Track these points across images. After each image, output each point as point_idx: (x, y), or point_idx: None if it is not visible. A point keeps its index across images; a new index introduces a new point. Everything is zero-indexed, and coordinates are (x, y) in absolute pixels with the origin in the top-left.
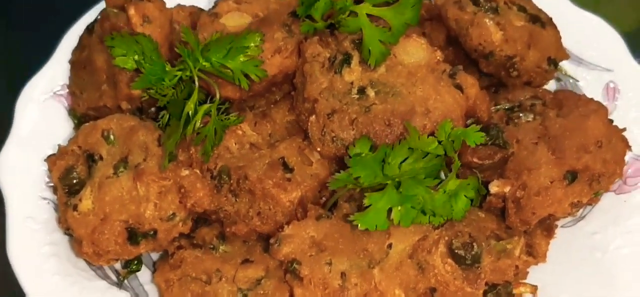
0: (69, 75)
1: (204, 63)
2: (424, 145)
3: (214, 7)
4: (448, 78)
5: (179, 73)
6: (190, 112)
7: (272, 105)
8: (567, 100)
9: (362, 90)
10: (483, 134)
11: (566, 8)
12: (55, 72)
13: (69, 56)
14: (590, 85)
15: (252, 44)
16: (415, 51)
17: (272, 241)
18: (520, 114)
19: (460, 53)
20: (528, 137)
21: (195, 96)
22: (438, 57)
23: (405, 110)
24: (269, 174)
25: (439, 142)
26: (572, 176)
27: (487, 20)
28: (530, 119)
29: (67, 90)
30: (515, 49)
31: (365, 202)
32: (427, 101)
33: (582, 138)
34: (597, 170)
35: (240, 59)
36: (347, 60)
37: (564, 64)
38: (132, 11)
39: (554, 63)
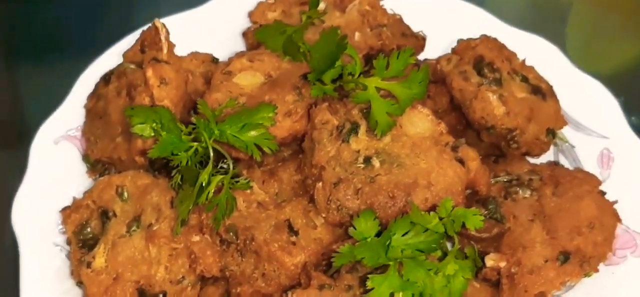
0: (84, 120)
1: (217, 135)
2: (425, 221)
3: (227, 63)
4: (450, 151)
5: (195, 144)
6: (203, 182)
7: (279, 164)
8: (563, 178)
9: (368, 160)
10: (483, 218)
11: (567, 69)
12: (69, 114)
13: (83, 99)
14: (586, 152)
15: (266, 115)
16: (420, 122)
17: None
18: (518, 189)
19: (463, 117)
20: (524, 214)
21: (209, 167)
22: (442, 130)
23: (408, 183)
24: (275, 237)
25: (440, 219)
26: (564, 257)
27: (490, 95)
28: (527, 195)
29: (81, 134)
30: (516, 123)
31: (368, 284)
32: (430, 174)
33: (576, 220)
34: (589, 252)
35: (254, 132)
36: (354, 129)
37: (563, 128)
38: (149, 73)
39: (552, 134)
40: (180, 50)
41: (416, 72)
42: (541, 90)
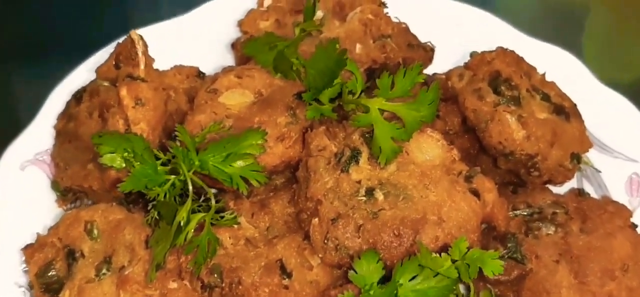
0: (54, 143)
1: (198, 166)
2: (435, 264)
3: (213, 80)
4: (464, 182)
5: (172, 177)
6: (181, 221)
7: (271, 194)
8: (592, 212)
9: (370, 192)
10: (502, 263)
11: (590, 83)
12: (38, 136)
13: (53, 119)
14: (613, 177)
15: (254, 142)
16: (429, 148)
17: None
18: (541, 225)
19: (477, 141)
20: (548, 253)
21: (188, 204)
22: (454, 156)
23: (416, 219)
24: (265, 280)
25: (453, 262)
26: None
27: (508, 117)
28: (551, 231)
29: (51, 158)
30: (537, 148)
31: None
32: (441, 208)
33: (607, 262)
34: None
35: (240, 162)
36: (355, 156)
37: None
38: (123, 92)
39: (577, 159)
40: (163, 64)
41: (425, 92)
42: (564, 110)
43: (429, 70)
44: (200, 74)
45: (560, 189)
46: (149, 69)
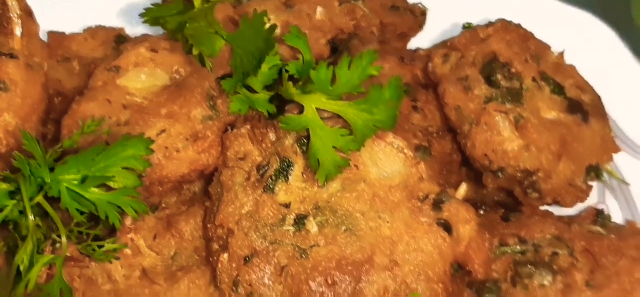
0: None
1: (51, 189)
2: None
3: (118, 55)
4: (431, 210)
5: (10, 202)
6: (21, 266)
7: (184, 208)
8: (606, 257)
9: (301, 221)
10: None
11: (626, 64)
12: None
13: None
14: None
15: (137, 152)
16: (387, 161)
17: None
18: (534, 271)
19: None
20: None
21: (28, 244)
22: (421, 173)
23: (359, 260)
24: None
25: None
26: None
27: (499, 119)
28: (547, 282)
29: None
30: (539, 163)
31: None
32: (396, 246)
33: None
34: None
35: (96, 190)
36: (284, 170)
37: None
38: None
39: (596, 173)
40: (78, 24)
41: (380, 89)
42: (582, 107)
43: (417, 41)
44: (120, 39)
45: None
46: (29, 39)
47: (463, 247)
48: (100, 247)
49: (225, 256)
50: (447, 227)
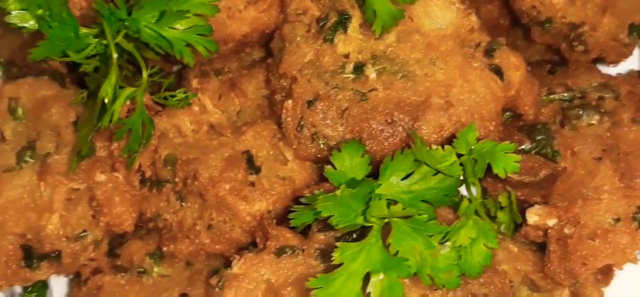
0: None
1: (129, 28)
2: (435, 160)
3: None
4: (483, 56)
5: (94, 41)
6: (106, 99)
7: (245, 71)
8: None
9: (359, 68)
10: (518, 159)
11: None
12: None
13: None
14: None
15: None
16: (440, 13)
17: (213, 280)
18: (582, 113)
19: (509, 9)
20: (588, 148)
21: (112, 76)
22: (472, 24)
23: (416, 102)
24: (227, 176)
25: (459, 156)
26: None
27: None
28: (594, 121)
29: None
30: (584, 15)
31: (335, 256)
32: (450, 89)
33: None
34: None
35: (182, 24)
36: (342, 22)
37: None
38: None
39: (637, 32)
40: None
41: None
42: None
43: None
44: None
45: (612, 71)
46: None
47: (513, 91)
48: (172, 96)
49: (289, 102)
50: (498, 71)
